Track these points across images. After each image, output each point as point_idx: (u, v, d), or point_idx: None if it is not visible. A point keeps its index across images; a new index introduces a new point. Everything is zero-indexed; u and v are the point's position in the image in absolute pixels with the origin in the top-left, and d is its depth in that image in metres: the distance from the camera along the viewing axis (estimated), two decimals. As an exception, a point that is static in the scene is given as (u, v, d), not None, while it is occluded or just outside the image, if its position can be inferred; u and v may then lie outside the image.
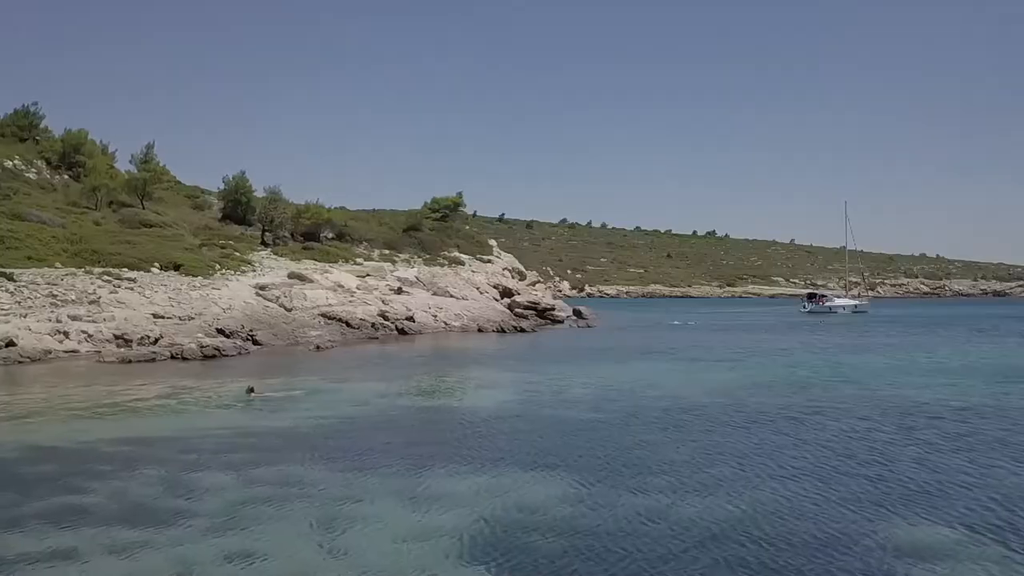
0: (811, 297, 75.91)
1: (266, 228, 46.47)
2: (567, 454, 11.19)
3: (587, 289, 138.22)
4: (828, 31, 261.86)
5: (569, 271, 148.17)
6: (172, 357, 24.33)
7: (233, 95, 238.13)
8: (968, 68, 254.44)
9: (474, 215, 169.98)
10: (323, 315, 34.01)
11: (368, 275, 43.76)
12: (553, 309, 45.76)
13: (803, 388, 18.31)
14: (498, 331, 36.44)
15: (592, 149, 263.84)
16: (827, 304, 71.66)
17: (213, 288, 33.63)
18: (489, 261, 61.45)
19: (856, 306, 71.81)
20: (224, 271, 36.64)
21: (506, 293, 48.95)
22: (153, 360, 23.60)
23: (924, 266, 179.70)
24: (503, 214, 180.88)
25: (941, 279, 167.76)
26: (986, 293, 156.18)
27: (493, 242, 73.18)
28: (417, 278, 45.27)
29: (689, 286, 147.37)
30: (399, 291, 42.45)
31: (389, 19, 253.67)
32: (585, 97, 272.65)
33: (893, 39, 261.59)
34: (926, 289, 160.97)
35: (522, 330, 36.64)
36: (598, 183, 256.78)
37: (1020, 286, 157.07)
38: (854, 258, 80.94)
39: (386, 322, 35.47)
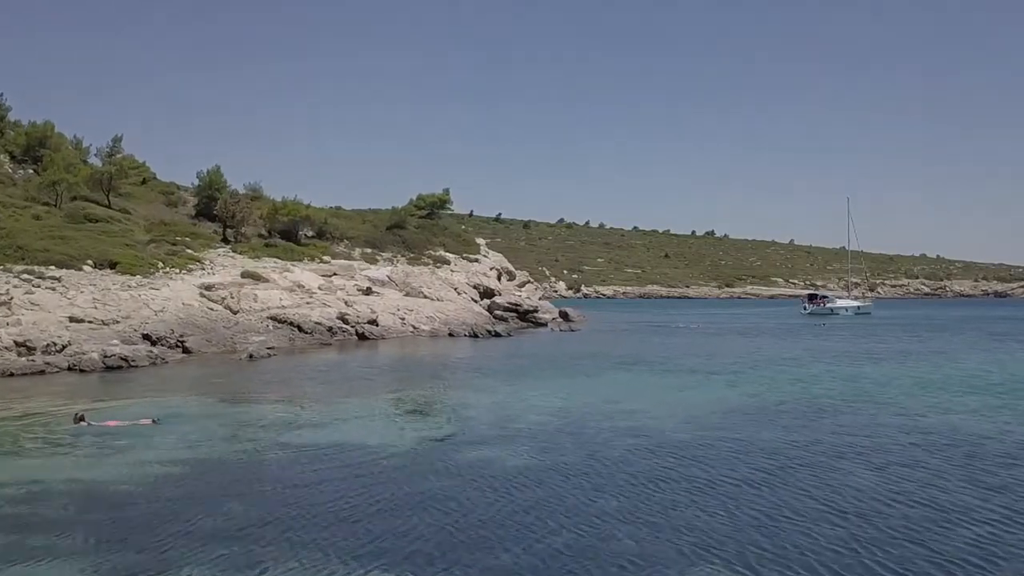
0: (812, 298, 71.74)
1: (228, 224, 42.44)
2: (475, 543, 7.09)
3: (583, 289, 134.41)
4: (826, 31, 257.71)
5: (565, 271, 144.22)
6: (70, 368, 20.31)
7: (226, 92, 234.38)
8: (969, 66, 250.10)
9: (471, 215, 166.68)
10: (272, 318, 29.99)
11: (335, 274, 39.75)
12: (536, 311, 41.66)
13: (822, 413, 14.19)
14: (471, 336, 32.34)
15: (590, 149, 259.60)
16: (828, 305, 67.60)
17: (151, 288, 29.60)
18: (476, 260, 57.55)
19: (859, 307, 67.76)
20: (169, 269, 32.59)
21: (487, 294, 44.90)
22: (43, 372, 19.58)
23: (924, 266, 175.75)
24: (499, 214, 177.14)
25: (942, 280, 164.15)
26: (987, 294, 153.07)
27: (481, 240, 69.24)
28: (389, 277, 41.22)
29: (687, 287, 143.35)
30: (368, 292, 38.42)
31: (386, 18, 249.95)
32: (584, 97, 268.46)
33: (893, 37, 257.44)
34: (927, 290, 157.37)
35: (497, 335, 32.52)
36: (596, 183, 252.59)
37: (1021, 287, 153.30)
38: (856, 258, 76.69)
39: (345, 326, 31.42)
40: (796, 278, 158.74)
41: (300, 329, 29.67)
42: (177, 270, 32.83)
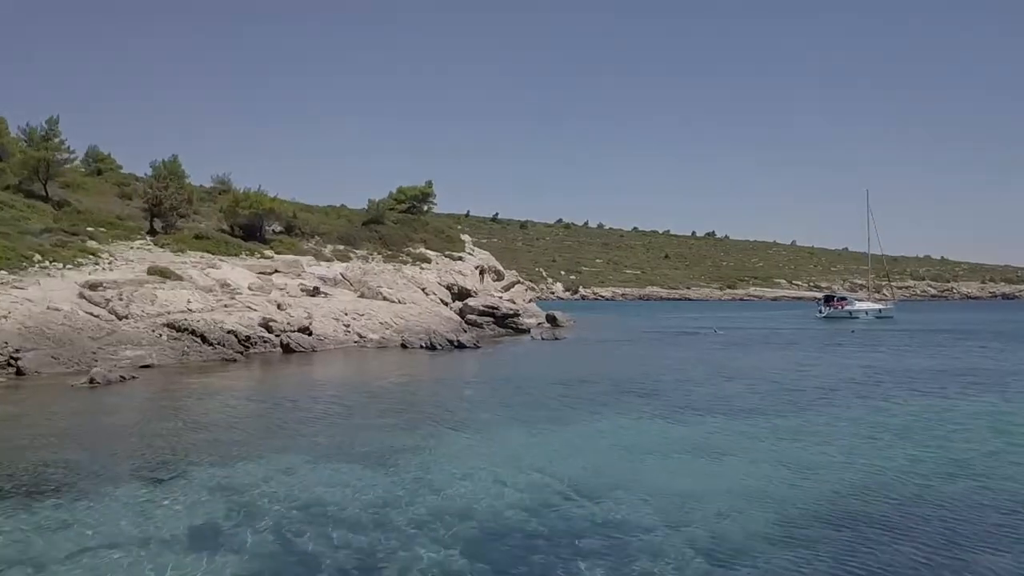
0: (828, 300, 64.58)
1: (154, 213, 35.49)
2: None
3: (581, 291, 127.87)
4: (828, 33, 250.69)
5: (563, 272, 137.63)
6: None
7: (222, 93, 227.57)
8: (971, 66, 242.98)
9: (467, 215, 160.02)
10: (170, 325, 22.99)
11: (276, 271, 32.78)
12: (516, 315, 34.60)
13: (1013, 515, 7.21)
14: (427, 347, 25.25)
15: (589, 149, 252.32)
16: (847, 308, 60.51)
17: (13, 287, 22.65)
18: (460, 258, 50.82)
19: (880, 311, 60.75)
20: (49, 263, 25.65)
21: (463, 294, 37.92)
22: None
23: (930, 268, 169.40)
24: (496, 214, 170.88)
25: (948, 281, 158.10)
26: (995, 296, 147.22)
27: (467, 237, 62.37)
28: (343, 276, 34.26)
29: (688, 288, 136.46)
30: (315, 292, 31.48)
31: (384, 16, 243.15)
32: (582, 95, 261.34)
33: (896, 39, 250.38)
34: (933, 292, 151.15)
35: (461, 346, 25.42)
36: (595, 183, 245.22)
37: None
38: (877, 260, 69.36)
39: (269, 335, 24.45)
40: (800, 279, 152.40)
41: (204, 340, 22.66)
42: (61, 264, 25.88)
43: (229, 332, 23.52)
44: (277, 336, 24.52)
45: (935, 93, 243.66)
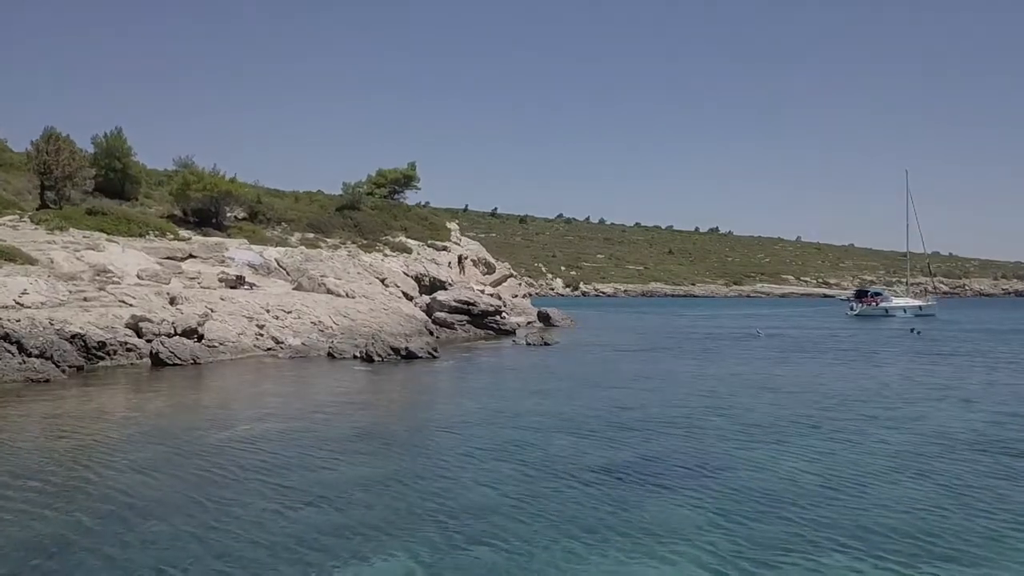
0: (860, 296, 57.09)
1: (45, 184, 27.81)
2: None
3: (582, 287, 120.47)
4: (836, 22, 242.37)
5: (563, 268, 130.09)
6: None
7: (209, 82, 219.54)
8: (970, 64, 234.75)
9: (465, 209, 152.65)
10: (-25, 328, 15.24)
11: (190, 256, 25.10)
12: (498, 313, 26.68)
13: None
14: (363, 358, 17.39)
15: (589, 144, 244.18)
16: (882, 305, 53.09)
17: None
18: (445, 248, 43.30)
19: (920, 308, 53.39)
20: None
21: (435, 287, 30.16)
22: None
23: (940, 264, 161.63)
24: (495, 208, 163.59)
25: (960, 278, 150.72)
26: (1008, 293, 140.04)
27: (453, 226, 54.62)
28: (279, 263, 26.54)
29: (693, 284, 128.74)
30: (238, 282, 23.82)
31: (381, 15, 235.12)
32: (583, 89, 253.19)
33: (907, 31, 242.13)
34: (945, 288, 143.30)
35: (410, 356, 17.47)
36: (595, 178, 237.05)
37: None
38: (918, 259, 61.54)
39: (138, 340, 16.73)
40: (808, 275, 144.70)
41: (21, 348, 14.92)
42: None
43: (74, 336, 15.82)
44: (149, 342, 16.80)
45: (939, 87, 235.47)
